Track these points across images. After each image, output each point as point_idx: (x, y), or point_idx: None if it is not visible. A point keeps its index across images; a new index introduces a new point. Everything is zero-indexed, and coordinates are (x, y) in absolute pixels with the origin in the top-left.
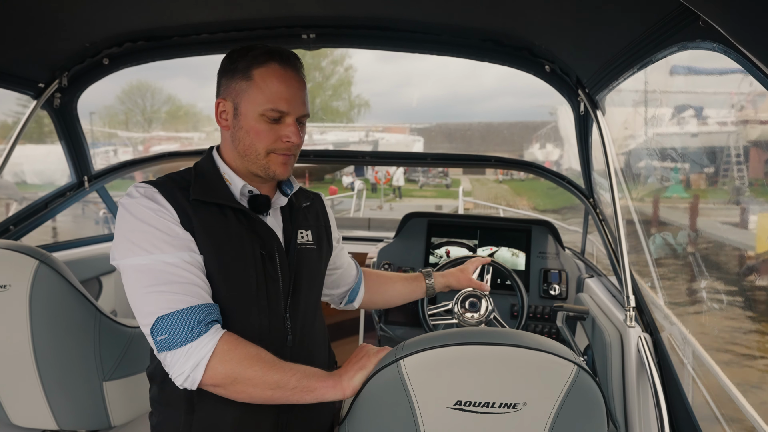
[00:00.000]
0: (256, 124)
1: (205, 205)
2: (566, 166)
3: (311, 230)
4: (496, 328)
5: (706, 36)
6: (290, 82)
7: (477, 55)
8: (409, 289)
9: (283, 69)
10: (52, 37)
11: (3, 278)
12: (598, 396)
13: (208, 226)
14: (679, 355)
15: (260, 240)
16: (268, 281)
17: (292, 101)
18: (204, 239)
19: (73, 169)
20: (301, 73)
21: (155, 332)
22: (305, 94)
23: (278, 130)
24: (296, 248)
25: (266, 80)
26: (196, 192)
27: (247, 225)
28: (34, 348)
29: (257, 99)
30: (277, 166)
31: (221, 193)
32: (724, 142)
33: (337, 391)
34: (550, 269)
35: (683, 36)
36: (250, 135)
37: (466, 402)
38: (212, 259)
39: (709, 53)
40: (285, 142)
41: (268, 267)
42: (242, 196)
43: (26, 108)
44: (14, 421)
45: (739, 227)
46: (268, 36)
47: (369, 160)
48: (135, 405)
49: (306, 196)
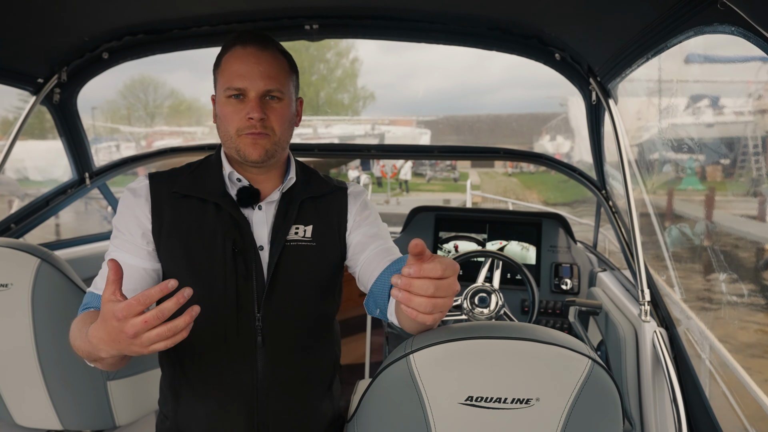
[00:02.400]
0: (223, 107)
1: (186, 199)
2: (577, 159)
3: (312, 225)
4: (507, 322)
5: (725, 19)
6: (247, 59)
7: (485, 44)
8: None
9: (243, 49)
10: (50, 32)
11: (4, 277)
12: (613, 391)
13: (179, 224)
14: (696, 351)
15: (236, 237)
16: (239, 279)
17: (248, 77)
18: (172, 236)
19: (73, 166)
20: (267, 51)
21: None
22: (270, 69)
23: (241, 108)
24: (284, 245)
25: (228, 63)
26: (179, 185)
27: (225, 221)
28: (37, 347)
29: (222, 83)
30: (246, 146)
31: (208, 186)
32: (741, 132)
33: (112, 348)
34: (562, 263)
35: (700, 20)
36: (222, 120)
37: (478, 397)
38: (177, 257)
39: (725, 40)
40: (248, 120)
41: (239, 265)
42: (232, 185)
43: (26, 104)
44: (18, 421)
45: (757, 220)
46: (270, 27)
47: (375, 154)
48: (139, 404)
49: (323, 186)
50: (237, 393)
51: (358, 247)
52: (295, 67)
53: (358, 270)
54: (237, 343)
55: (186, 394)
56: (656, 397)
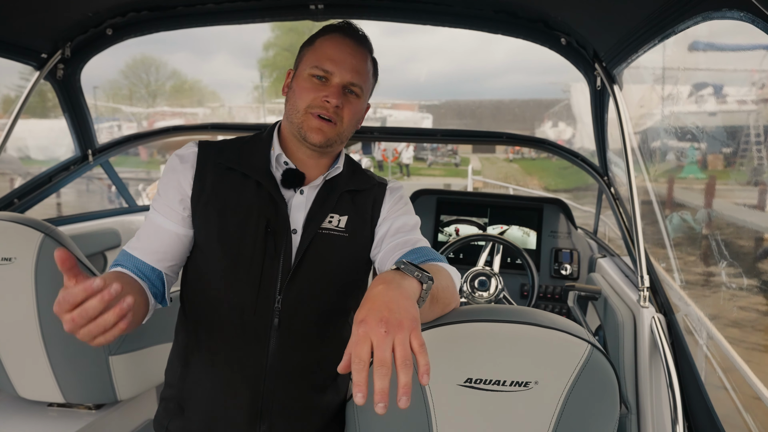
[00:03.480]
0: (303, 82)
1: (229, 172)
2: (578, 145)
3: (348, 216)
4: (507, 306)
5: (734, 4)
6: (342, 48)
7: (490, 28)
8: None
9: (342, 37)
10: (54, 6)
11: (8, 251)
12: (611, 376)
13: (219, 194)
14: (695, 337)
15: (271, 216)
16: (266, 258)
17: (339, 63)
18: (209, 206)
19: (77, 143)
20: (362, 46)
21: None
22: (359, 65)
23: (322, 89)
24: (316, 231)
25: (323, 45)
26: (224, 157)
27: (263, 199)
28: (40, 321)
29: (310, 60)
30: (309, 128)
31: (253, 163)
32: (743, 121)
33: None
34: (562, 249)
35: (708, 5)
36: (296, 93)
37: (477, 380)
38: (210, 227)
39: (729, 27)
40: (323, 101)
41: (269, 244)
42: (278, 166)
43: (28, 81)
44: (21, 393)
45: (756, 209)
46: (276, 6)
47: (377, 136)
48: (141, 379)
49: (365, 181)
50: (246, 371)
51: (382, 237)
52: (377, 74)
53: (378, 259)
54: (253, 321)
55: (195, 364)
56: (653, 382)
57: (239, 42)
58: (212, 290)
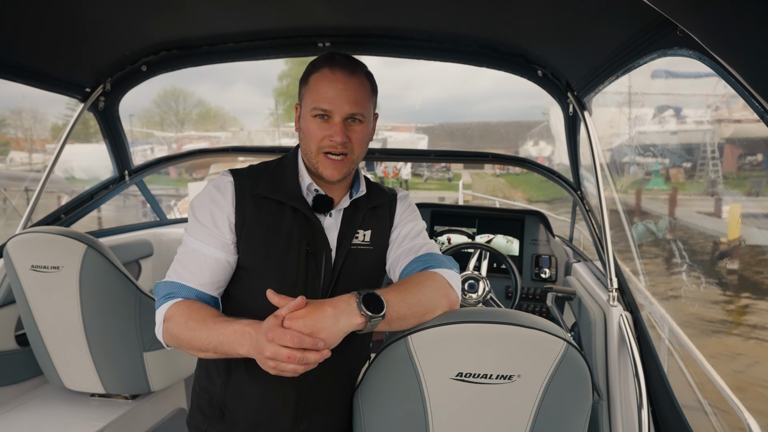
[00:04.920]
0: (308, 123)
1: (267, 200)
2: (557, 161)
3: (371, 230)
4: (493, 308)
5: (683, 44)
6: (335, 84)
7: (476, 61)
8: None
9: (332, 72)
10: (97, 47)
11: (56, 260)
12: (584, 369)
13: (260, 221)
14: (657, 332)
15: (310, 239)
16: (309, 277)
17: (334, 100)
18: (252, 233)
19: (115, 164)
20: (354, 77)
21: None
22: (355, 94)
23: (326, 128)
24: (348, 249)
25: (316, 83)
26: (262, 188)
27: (301, 223)
28: (84, 322)
29: (309, 101)
30: (325, 167)
31: (286, 190)
32: (700, 139)
33: (252, 353)
34: (541, 255)
35: (663, 44)
36: (305, 134)
37: (467, 374)
38: (256, 252)
39: (686, 59)
40: (330, 140)
41: (311, 264)
42: (308, 192)
43: (74, 111)
44: (68, 385)
45: (713, 216)
46: (288, 44)
47: (379, 156)
48: (171, 373)
49: (382, 196)
50: (292, 378)
51: (393, 241)
52: (376, 87)
53: (389, 262)
54: None
55: (238, 374)
56: (621, 372)
57: (256, 73)
58: (258, 307)
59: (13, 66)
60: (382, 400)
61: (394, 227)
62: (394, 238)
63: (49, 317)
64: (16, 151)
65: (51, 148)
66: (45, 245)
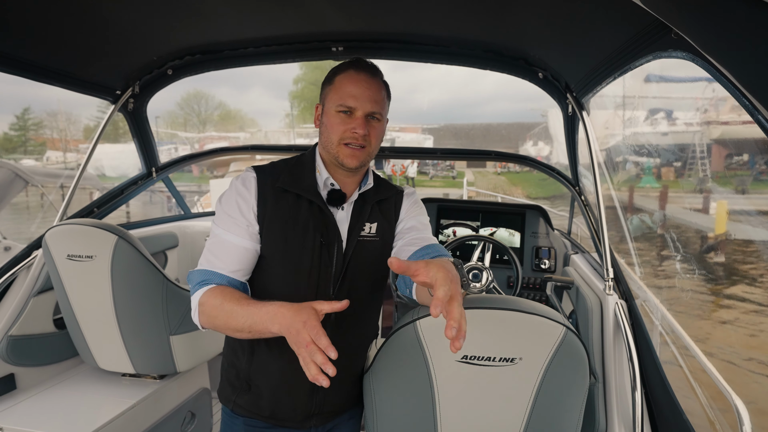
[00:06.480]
0: (332, 118)
1: (286, 193)
2: (555, 161)
3: (377, 223)
4: (497, 295)
5: (678, 46)
6: (359, 84)
7: (480, 65)
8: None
9: (357, 73)
10: (127, 53)
11: (90, 250)
12: (582, 352)
13: (280, 212)
14: (651, 318)
15: (323, 230)
16: (322, 266)
17: (359, 98)
18: (273, 223)
19: (143, 162)
20: (375, 79)
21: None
22: (376, 95)
23: (349, 122)
24: (357, 240)
25: (342, 82)
26: (282, 181)
27: (316, 216)
28: (116, 307)
29: (334, 98)
30: (345, 156)
31: (304, 184)
32: (690, 140)
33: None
34: (541, 246)
35: (658, 46)
36: (328, 128)
37: (472, 356)
38: (276, 241)
39: (679, 63)
40: (352, 132)
41: (324, 254)
42: (324, 187)
43: (105, 113)
44: (101, 365)
45: (701, 212)
46: (304, 49)
47: (388, 155)
48: (196, 355)
49: (389, 190)
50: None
51: (399, 232)
52: (390, 94)
53: (395, 250)
54: None
55: (260, 353)
56: (616, 356)
57: (272, 77)
58: (276, 290)
59: (53, 71)
60: (393, 381)
61: (400, 220)
62: (399, 229)
63: (83, 303)
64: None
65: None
66: (80, 236)
